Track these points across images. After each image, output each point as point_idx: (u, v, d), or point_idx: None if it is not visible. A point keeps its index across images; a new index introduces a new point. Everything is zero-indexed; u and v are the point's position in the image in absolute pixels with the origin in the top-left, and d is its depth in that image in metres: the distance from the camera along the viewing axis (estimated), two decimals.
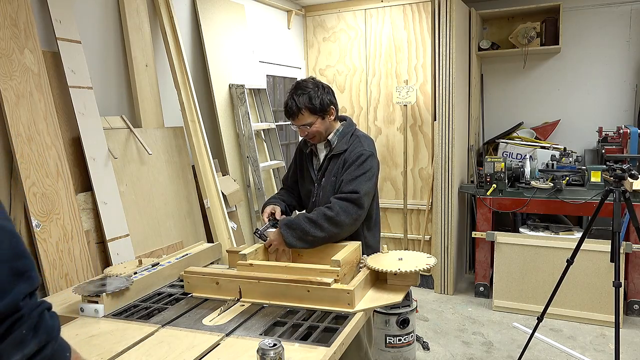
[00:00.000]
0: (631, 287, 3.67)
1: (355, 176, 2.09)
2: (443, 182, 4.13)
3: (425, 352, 3.26)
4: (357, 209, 2.05)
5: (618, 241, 2.56)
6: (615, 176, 2.58)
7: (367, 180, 2.09)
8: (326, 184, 2.20)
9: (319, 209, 2.07)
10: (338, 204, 2.04)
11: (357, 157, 2.11)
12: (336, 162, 2.18)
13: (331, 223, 2.01)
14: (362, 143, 2.18)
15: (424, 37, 4.14)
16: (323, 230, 2.01)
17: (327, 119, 2.17)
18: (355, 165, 2.10)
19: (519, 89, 4.77)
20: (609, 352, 3.17)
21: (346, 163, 2.14)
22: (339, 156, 2.17)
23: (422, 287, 4.33)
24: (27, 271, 0.81)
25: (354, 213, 2.04)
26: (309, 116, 2.12)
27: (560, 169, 3.94)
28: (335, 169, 2.17)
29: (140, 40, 2.81)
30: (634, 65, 4.37)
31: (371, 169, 2.12)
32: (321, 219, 2.01)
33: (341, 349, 1.48)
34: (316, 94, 2.12)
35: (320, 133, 2.18)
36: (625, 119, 4.42)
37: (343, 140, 2.19)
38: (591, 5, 4.42)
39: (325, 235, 2.01)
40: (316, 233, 2.01)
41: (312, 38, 4.57)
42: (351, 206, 2.04)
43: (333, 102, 2.19)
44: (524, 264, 3.77)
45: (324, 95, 2.14)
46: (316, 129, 2.15)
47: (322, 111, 2.13)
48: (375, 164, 2.17)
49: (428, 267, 1.84)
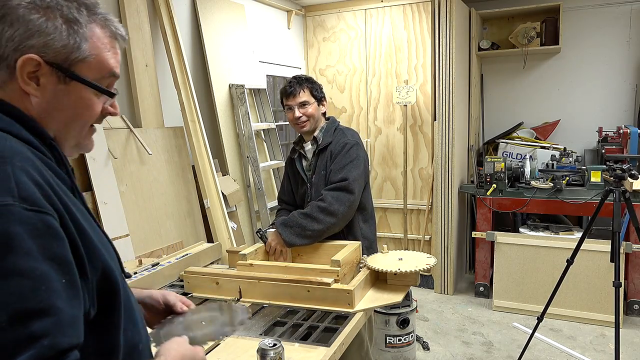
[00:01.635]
0: (631, 287, 3.67)
1: (343, 165, 2.14)
2: (443, 182, 4.13)
3: (425, 352, 3.26)
4: (349, 195, 2.09)
5: (618, 241, 2.56)
6: (615, 176, 2.58)
7: (355, 168, 2.14)
8: (317, 179, 2.24)
9: (312, 203, 2.11)
10: (329, 194, 2.08)
11: (342, 147, 2.18)
12: (324, 156, 2.23)
13: (326, 213, 2.04)
14: (345, 134, 2.26)
15: (424, 37, 4.14)
16: (320, 222, 2.03)
17: (321, 109, 2.29)
18: (341, 155, 2.16)
19: (519, 89, 4.77)
20: (609, 352, 3.17)
21: (332, 154, 2.20)
22: (325, 149, 2.23)
23: (422, 287, 4.33)
24: (43, 336, 0.65)
25: (347, 200, 2.08)
26: (309, 96, 2.24)
27: (560, 169, 3.94)
28: (324, 163, 2.22)
29: (140, 40, 2.81)
30: (634, 65, 4.37)
31: (357, 156, 2.17)
32: (315, 211, 2.04)
33: (341, 349, 1.48)
34: (315, 83, 2.30)
35: (313, 118, 2.25)
36: (625, 119, 4.42)
37: (327, 134, 2.27)
38: (591, 5, 4.42)
39: (323, 227, 2.04)
40: (314, 226, 2.03)
41: (312, 38, 4.57)
42: (342, 194, 2.08)
43: (326, 98, 2.34)
44: (524, 264, 3.77)
45: (320, 88, 2.31)
46: (311, 112, 2.24)
47: (319, 98, 2.27)
48: (362, 152, 2.22)
49: (428, 267, 1.84)
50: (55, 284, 0.68)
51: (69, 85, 0.81)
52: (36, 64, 0.77)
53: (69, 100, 0.82)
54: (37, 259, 0.67)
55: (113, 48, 0.87)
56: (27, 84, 0.78)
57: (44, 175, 0.74)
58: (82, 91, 0.83)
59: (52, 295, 0.67)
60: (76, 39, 0.80)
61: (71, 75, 0.80)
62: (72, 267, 0.71)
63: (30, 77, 0.78)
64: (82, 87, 0.82)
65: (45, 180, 0.73)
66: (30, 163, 0.73)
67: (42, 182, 0.72)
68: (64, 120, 0.83)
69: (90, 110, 0.85)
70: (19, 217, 0.66)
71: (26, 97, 0.79)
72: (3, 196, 0.67)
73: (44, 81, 0.79)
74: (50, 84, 0.80)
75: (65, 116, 0.83)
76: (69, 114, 0.83)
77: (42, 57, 0.77)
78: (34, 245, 0.67)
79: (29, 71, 0.78)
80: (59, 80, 0.80)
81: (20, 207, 0.67)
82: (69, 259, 0.71)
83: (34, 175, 0.71)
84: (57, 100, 0.81)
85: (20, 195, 0.68)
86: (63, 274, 0.69)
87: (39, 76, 0.79)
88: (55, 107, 0.81)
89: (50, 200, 0.72)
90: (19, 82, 0.78)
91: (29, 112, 0.80)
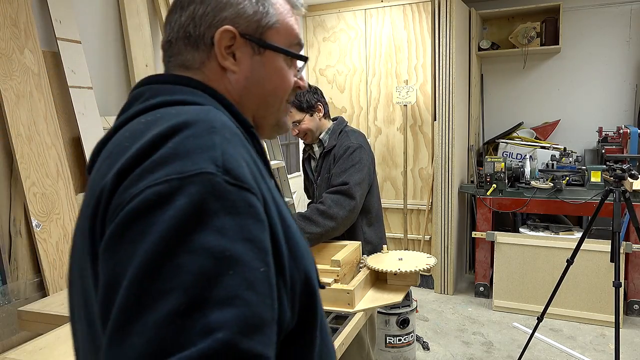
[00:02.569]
0: (631, 287, 3.67)
1: (345, 169, 2.12)
2: (443, 182, 4.13)
3: (425, 352, 3.26)
4: (349, 199, 2.06)
5: (618, 241, 2.56)
6: (615, 176, 2.58)
7: (357, 172, 2.11)
8: (321, 182, 2.25)
9: (312, 205, 2.11)
10: (329, 197, 2.07)
11: (345, 150, 2.16)
12: (328, 159, 2.23)
13: (325, 217, 2.01)
14: (349, 137, 2.23)
15: (424, 37, 4.14)
16: (318, 225, 2.01)
17: (316, 116, 2.24)
18: (344, 158, 2.15)
19: (519, 89, 4.77)
20: (609, 352, 3.17)
21: (335, 158, 2.19)
22: (330, 152, 2.23)
23: (422, 287, 4.33)
24: (218, 329, 0.51)
25: (347, 205, 2.05)
26: (297, 113, 2.21)
27: (560, 169, 3.94)
28: (327, 166, 2.23)
29: (140, 40, 2.81)
30: (634, 65, 4.37)
31: (360, 160, 2.14)
32: (314, 215, 2.02)
33: (341, 349, 1.48)
34: (302, 93, 2.20)
35: (310, 130, 2.24)
36: (625, 119, 4.42)
37: (333, 137, 2.26)
38: (591, 5, 4.42)
39: (321, 230, 2.01)
40: (312, 229, 2.00)
41: (312, 38, 4.57)
42: (342, 198, 2.06)
43: (320, 100, 2.26)
44: (524, 264, 3.77)
45: (308, 95, 2.22)
46: (306, 126, 2.22)
47: (310, 108, 2.22)
48: (365, 155, 2.18)
49: (428, 267, 1.84)
50: (247, 271, 0.56)
51: (264, 56, 0.79)
52: (232, 36, 0.76)
53: (266, 72, 0.80)
54: (230, 239, 0.56)
55: (294, 15, 0.85)
56: (225, 58, 0.76)
57: (252, 155, 0.68)
58: (277, 60, 0.81)
59: (241, 283, 0.55)
60: (264, 4, 0.78)
61: (265, 44, 0.78)
62: (270, 258, 0.60)
63: (228, 52, 0.77)
64: (276, 56, 0.80)
65: (253, 160, 0.67)
66: (239, 139, 0.67)
67: (250, 161, 0.65)
68: (264, 95, 0.81)
69: (285, 81, 0.83)
70: (218, 190, 0.57)
71: (224, 77, 0.77)
72: (206, 163, 0.58)
73: (240, 54, 0.77)
74: (246, 56, 0.78)
75: (264, 90, 0.81)
76: (268, 87, 0.81)
77: (236, 28, 0.76)
78: (230, 223, 0.57)
79: (226, 45, 0.76)
80: (253, 51, 0.78)
81: (222, 179, 0.58)
82: (268, 247, 0.60)
83: (242, 151, 0.64)
84: (254, 74, 0.79)
85: (225, 167, 0.59)
86: (260, 262, 0.58)
87: (234, 50, 0.77)
88: (253, 82, 0.79)
89: (256, 180, 0.63)
90: (217, 59, 0.76)
91: (229, 94, 0.78)
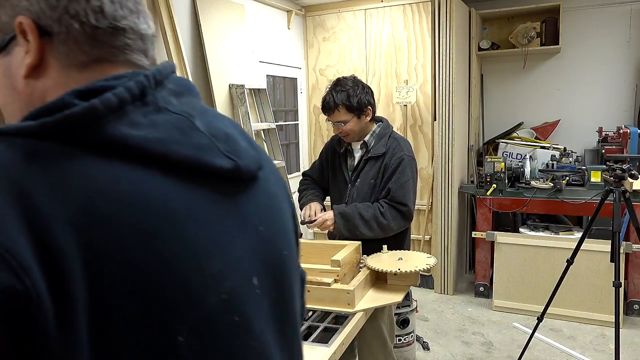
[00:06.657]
0: (631, 287, 3.67)
1: (402, 183, 2.15)
2: (443, 182, 4.13)
3: (425, 352, 3.26)
4: (406, 221, 2.19)
5: (618, 241, 2.56)
6: (615, 176, 2.58)
7: (412, 188, 2.18)
8: (362, 185, 2.21)
9: (373, 211, 2.12)
10: (390, 212, 2.13)
11: (399, 162, 2.15)
12: (374, 164, 2.19)
13: (381, 228, 2.12)
14: (401, 147, 2.20)
15: (424, 37, 4.14)
16: (372, 230, 2.12)
17: (363, 119, 2.17)
18: (399, 171, 2.15)
19: (519, 89, 4.77)
20: (609, 352, 3.17)
21: (387, 167, 2.16)
22: (378, 159, 2.18)
23: (422, 287, 4.33)
24: None
25: (403, 224, 2.18)
26: (345, 114, 2.13)
27: (560, 169, 3.93)
28: (374, 172, 2.18)
29: None
30: (634, 65, 4.37)
31: (413, 175, 2.21)
32: (373, 221, 2.11)
33: (341, 349, 1.48)
34: (355, 92, 2.13)
35: (354, 132, 2.19)
36: (625, 119, 4.42)
37: (380, 142, 2.19)
38: (591, 5, 4.42)
39: (371, 234, 2.13)
40: (365, 231, 2.11)
41: (312, 38, 4.57)
42: (400, 217, 2.15)
43: (371, 103, 2.19)
44: (524, 264, 3.77)
45: (362, 95, 2.15)
46: (350, 128, 2.16)
47: (359, 110, 2.14)
48: (415, 167, 2.25)
49: (428, 267, 1.84)
50: None
51: None
52: None
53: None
54: None
55: None
56: None
57: None
58: None
59: None
60: None
61: None
62: None
63: None
64: None
65: None
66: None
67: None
68: None
69: None
70: None
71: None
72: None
73: None
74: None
75: None
76: None
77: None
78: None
79: None
80: None
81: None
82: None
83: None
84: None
85: None
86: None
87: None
88: None
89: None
90: None
91: None
